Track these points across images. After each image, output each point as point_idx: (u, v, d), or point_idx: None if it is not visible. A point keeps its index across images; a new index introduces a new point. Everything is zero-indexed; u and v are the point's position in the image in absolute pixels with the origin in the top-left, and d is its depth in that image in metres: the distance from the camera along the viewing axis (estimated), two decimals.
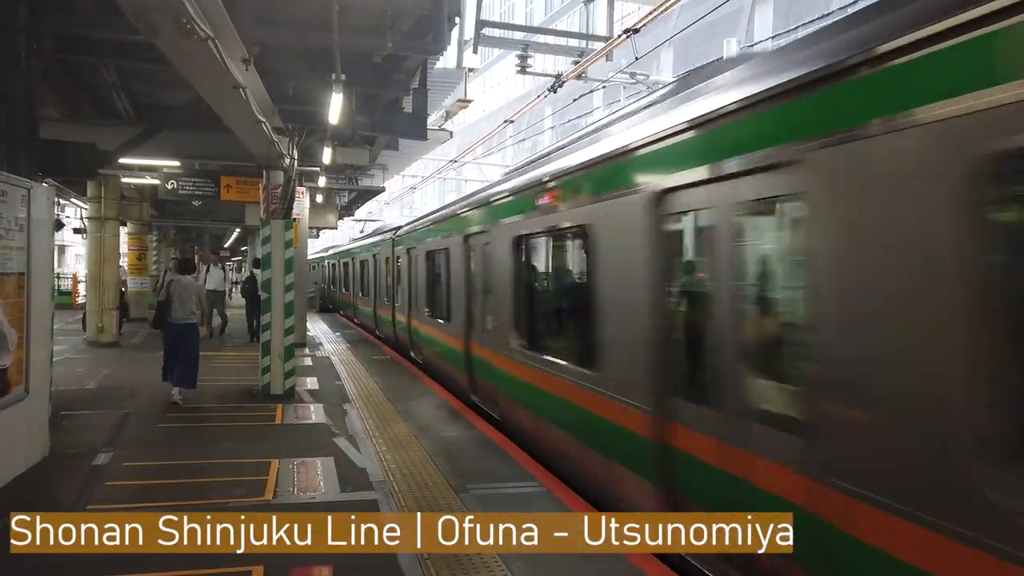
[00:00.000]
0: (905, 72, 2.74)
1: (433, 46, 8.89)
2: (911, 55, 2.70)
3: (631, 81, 12.31)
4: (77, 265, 41.43)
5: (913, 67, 2.70)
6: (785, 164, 3.39)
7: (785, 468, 3.41)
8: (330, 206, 21.48)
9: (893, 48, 2.77)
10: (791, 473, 3.35)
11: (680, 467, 4.34)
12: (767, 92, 3.52)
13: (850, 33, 3.20)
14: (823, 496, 3.11)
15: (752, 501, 3.60)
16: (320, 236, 35.56)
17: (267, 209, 10.86)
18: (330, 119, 8.98)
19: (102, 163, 9.87)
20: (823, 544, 3.11)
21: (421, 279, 12.97)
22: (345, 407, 9.18)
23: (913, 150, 2.70)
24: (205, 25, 5.47)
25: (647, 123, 4.93)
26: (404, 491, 5.74)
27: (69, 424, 7.90)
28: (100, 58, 9.62)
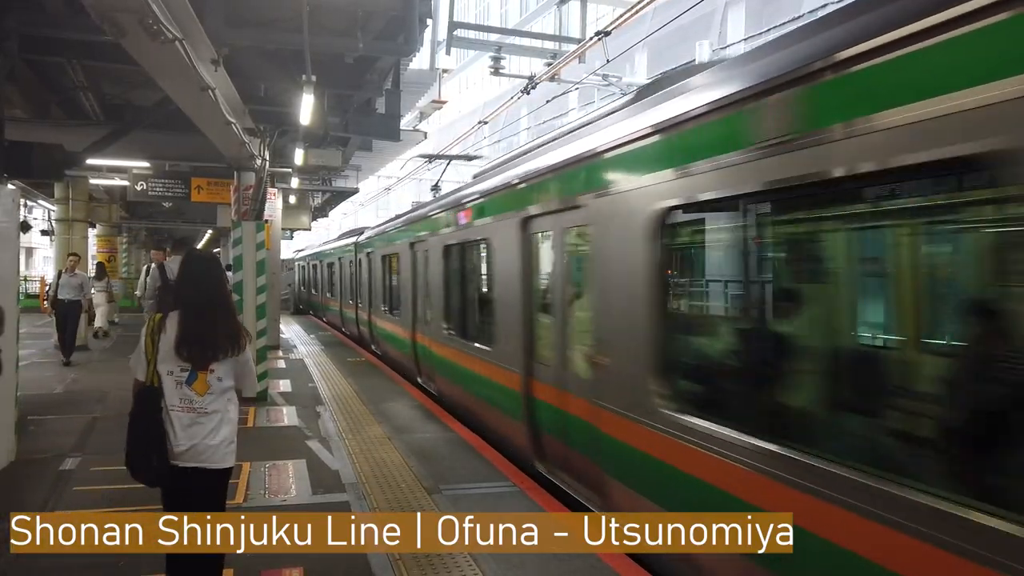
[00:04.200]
0: (604, 166, 4.89)
1: (405, 47, 8.90)
2: (596, 159, 4.99)
3: (604, 83, 12.39)
4: (46, 268, 40.74)
5: (604, 164, 4.88)
6: (580, 206, 5.23)
7: (581, 399, 5.20)
8: (303, 207, 21.37)
9: (580, 155, 5.28)
10: (584, 401, 5.12)
11: (536, 409, 6.17)
12: (572, 159, 5.45)
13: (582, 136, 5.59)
14: (595, 411, 4.92)
15: (565, 424, 5.55)
16: (294, 238, 35.27)
17: (239, 211, 10.78)
18: (302, 120, 8.94)
19: (70, 164, 9.77)
20: (593, 439, 4.96)
21: (378, 280, 14.84)
22: (318, 409, 9.15)
23: (625, 205, 4.53)
24: (172, 26, 5.44)
25: (525, 165, 6.81)
26: (377, 492, 5.75)
27: (37, 429, 7.78)
28: (67, 58, 9.49)
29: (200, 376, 3.46)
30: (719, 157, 3.59)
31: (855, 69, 2.81)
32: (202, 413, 3.46)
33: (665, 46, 26.41)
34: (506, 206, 6.95)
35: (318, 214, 25.90)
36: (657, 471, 4.16)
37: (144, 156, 12.80)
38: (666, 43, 25.30)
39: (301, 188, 18.59)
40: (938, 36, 2.50)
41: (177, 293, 3.64)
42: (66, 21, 7.92)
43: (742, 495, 3.42)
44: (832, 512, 2.86)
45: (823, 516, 2.91)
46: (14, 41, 7.52)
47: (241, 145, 9.70)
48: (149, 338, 3.47)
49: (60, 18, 7.94)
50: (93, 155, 10.76)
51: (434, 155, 15.47)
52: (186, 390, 3.45)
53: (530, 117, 28.46)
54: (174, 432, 3.43)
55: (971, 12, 2.38)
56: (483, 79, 46.15)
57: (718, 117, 3.66)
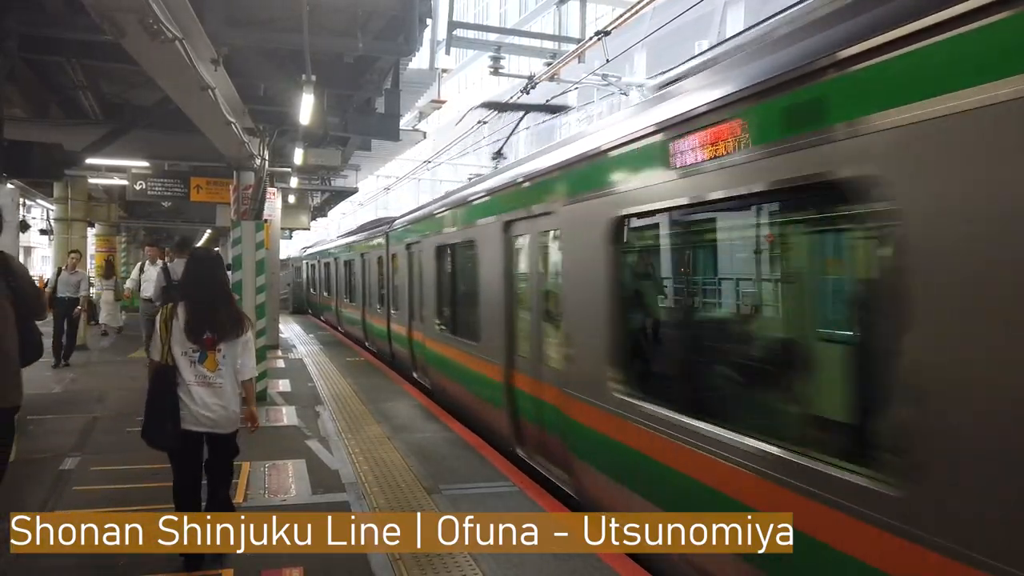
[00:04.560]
0: (573, 178, 5.43)
1: (405, 47, 8.90)
2: (563, 171, 5.59)
3: (603, 83, 12.39)
4: (44, 267, 40.69)
5: (572, 177, 5.45)
6: (551, 212, 5.76)
7: (553, 387, 5.72)
8: (303, 207, 21.36)
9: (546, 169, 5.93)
10: (555, 388, 5.67)
11: (517, 398, 6.70)
12: (546, 169, 5.98)
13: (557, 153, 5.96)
14: (564, 398, 5.49)
15: (542, 410, 6.03)
16: (292, 237, 35.26)
17: (238, 210, 10.77)
18: (301, 120, 8.94)
19: (69, 164, 9.77)
20: (560, 422, 5.56)
21: (374, 279, 15.13)
22: (318, 409, 9.15)
23: (586, 211, 5.09)
24: (172, 26, 5.43)
25: (502, 175, 7.45)
26: (376, 492, 5.75)
27: (36, 429, 7.78)
28: (67, 58, 9.49)
29: (209, 355, 4.11)
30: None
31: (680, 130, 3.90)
32: (217, 387, 4.10)
33: (664, 46, 26.43)
34: (490, 210, 7.35)
35: (317, 214, 25.88)
36: (607, 446, 4.86)
37: (143, 156, 12.77)
38: (665, 43, 25.32)
39: (300, 188, 18.57)
40: None
41: (183, 291, 4.23)
42: (66, 21, 7.92)
43: (672, 463, 4.04)
44: (722, 468, 3.55)
45: (718, 473, 3.59)
46: (14, 40, 7.53)
47: (240, 145, 9.69)
48: (163, 324, 4.08)
49: (60, 18, 7.94)
50: (92, 154, 10.76)
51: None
52: (199, 368, 4.09)
53: (528, 117, 28.46)
54: (194, 403, 4.05)
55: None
56: (482, 79, 46.16)
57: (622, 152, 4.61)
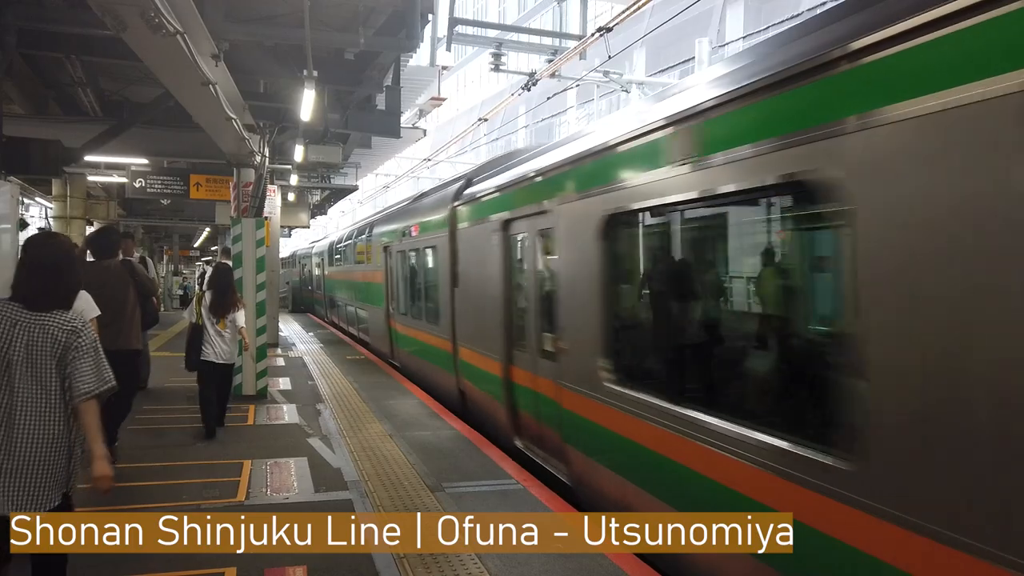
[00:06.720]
0: (567, 177, 5.67)
1: (406, 43, 8.85)
2: (554, 172, 5.93)
3: (604, 80, 12.36)
4: None
5: (564, 176, 5.72)
6: (546, 211, 6.00)
7: (550, 381, 5.97)
8: (302, 204, 21.28)
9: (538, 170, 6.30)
10: (552, 383, 5.91)
11: (514, 392, 7.02)
12: (540, 171, 6.28)
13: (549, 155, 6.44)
14: (561, 391, 5.71)
15: (538, 404, 6.30)
16: (292, 235, 35.21)
17: (238, 208, 10.73)
18: (302, 116, 8.90)
19: (68, 161, 9.70)
20: (556, 413, 5.83)
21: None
22: (319, 407, 9.11)
23: (583, 208, 5.28)
24: (173, 19, 5.39)
25: (496, 177, 7.76)
26: (379, 491, 5.71)
27: None
28: (66, 53, 9.43)
29: (221, 321, 7.46)
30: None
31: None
32: (225, 337, 7.48)
33: (664, 43, 26.42)
34: (489, 210, 7.60)
35: (317, 211, 25.80)
36: (595, 431, 5.16)
37: (142, 152, 12.71)
38: (665, 40, 25.30)
39: (300, 185, 18.51)
40: None
41: (209, 286, 7.63)
42: (64, 16, 7.87)
43: (655, 447, 4.30)
44: (699, 449, 3.85)
45: (695, 454, 3.89)
46: (12, 36, 7.47)
47: (241, 141, 9.65)
48: (198, 301, 7.77)
49: (58, 13, 7.88)
50: (91, 151, 10.68)
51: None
52: (217, 327, 7.43)
53: (528, 115, 28.45)
54: (212, 347, 7.40)
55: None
56: (481, 76, 46.10)
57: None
